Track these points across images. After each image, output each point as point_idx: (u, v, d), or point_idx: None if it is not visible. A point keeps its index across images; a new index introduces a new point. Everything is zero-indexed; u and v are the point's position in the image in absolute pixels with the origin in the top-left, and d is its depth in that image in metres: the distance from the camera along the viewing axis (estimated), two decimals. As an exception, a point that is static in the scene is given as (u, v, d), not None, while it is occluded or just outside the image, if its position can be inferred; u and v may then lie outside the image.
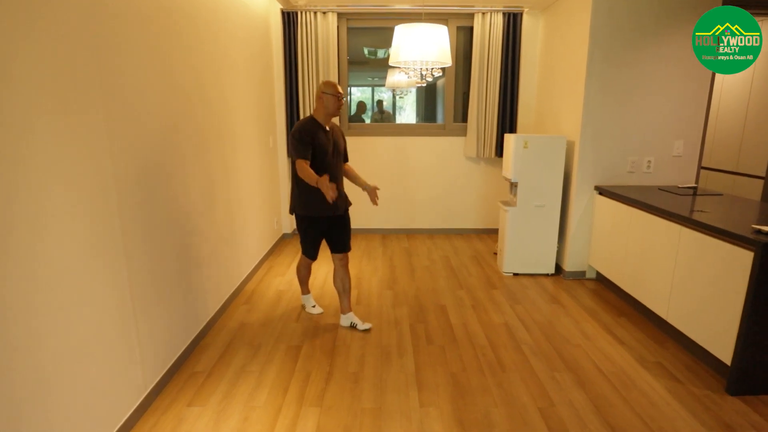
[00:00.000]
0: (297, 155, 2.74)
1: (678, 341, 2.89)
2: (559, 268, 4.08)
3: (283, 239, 5.03)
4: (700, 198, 3.27)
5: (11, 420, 1.42)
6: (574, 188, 3.82)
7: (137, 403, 2.14)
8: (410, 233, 5.31)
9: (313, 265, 3.24)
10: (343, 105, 2.90)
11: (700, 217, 2.65)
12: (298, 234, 3.07)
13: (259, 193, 4.13)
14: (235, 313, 3.26)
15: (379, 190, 3.09)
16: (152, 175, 2.27)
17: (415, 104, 6.83)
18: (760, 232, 2.33)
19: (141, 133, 2.17)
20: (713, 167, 4.55)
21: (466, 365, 2.65)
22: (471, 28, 4.76)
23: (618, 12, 3.47)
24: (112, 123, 1.93)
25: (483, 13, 4.63)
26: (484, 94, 4.81)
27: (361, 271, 4.13)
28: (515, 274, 4.05)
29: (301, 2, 4.32)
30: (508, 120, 4.84)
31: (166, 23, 2.42)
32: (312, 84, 4.73)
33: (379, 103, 6.65)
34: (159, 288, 2.34)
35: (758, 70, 4.22)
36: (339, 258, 3.02)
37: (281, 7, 4.52)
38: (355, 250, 4.57)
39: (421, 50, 3.28)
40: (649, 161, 3.74)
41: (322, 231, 3.00)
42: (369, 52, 6.63)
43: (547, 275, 4.04)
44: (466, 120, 5.06)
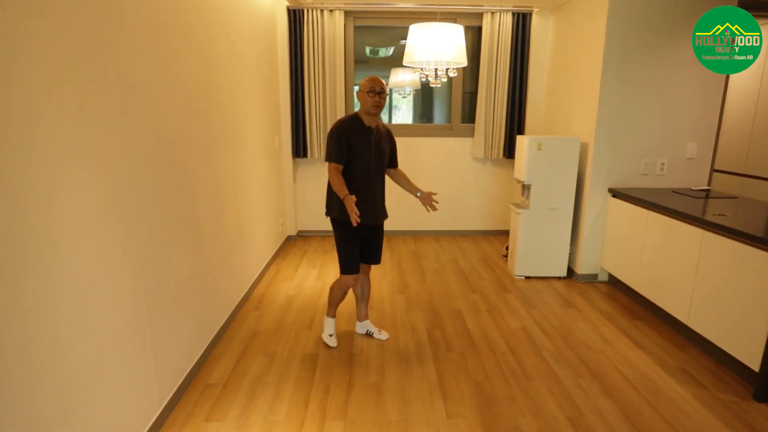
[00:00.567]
0: (328, 158, 2.55)
1: (699, 346, 2.86)
2: (570, 271, 4.04)
3: (288, 241, 4.94)
4: (715, 201, 3.24)
5: (34, 445, 1.33)
6: (587, 190, 3.78)
7: (154, 417, 2.05)
8: (416, 235, 5.24)
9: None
10: (382, 102, 2.54)
11: (724, 222, 2.61)
12: (336, 245, 2.71)
13: (266, 194, 4.04)
14: (245, 320, 3.16)
15: (435, 195, 2.78)
16: (167, 176, 2.17)
17: (411, 104, 6.75)
18: (789, 237, 2.29)
19: (155, 132, 2.07)
20: (722, 169, 4.54)
21: (489, 373, 2.59)
22: (479, 28, 4.70)
23: (634, 14, 3.43)
24: (128, 122, 1.83)
25: (492, 13, 4.57)
26: (492, 94, 4.75)
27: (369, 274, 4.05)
28: (527, 277, 4.00)
29: None
30: (516, 121, 4.79)
31: (180, 19, 2.32)
32: (318, 83, 4.64)
33: None
34: (173, 295, 2.25)
35: (767, 71, 4.22)
36: (366, 268, 2.89)
37: (287, 4, 4.42)
38: (362, 253, 4.49)
39: (436, 50, 3.21)
40: (663, 163, 3.71)
41: (362, 238, 2.72)
42: (371, 51, 6.54)
43: (559, 278, 4.00)
44: (473, 121, 5.00)
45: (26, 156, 1.31)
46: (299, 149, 4.82)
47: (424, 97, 6.44)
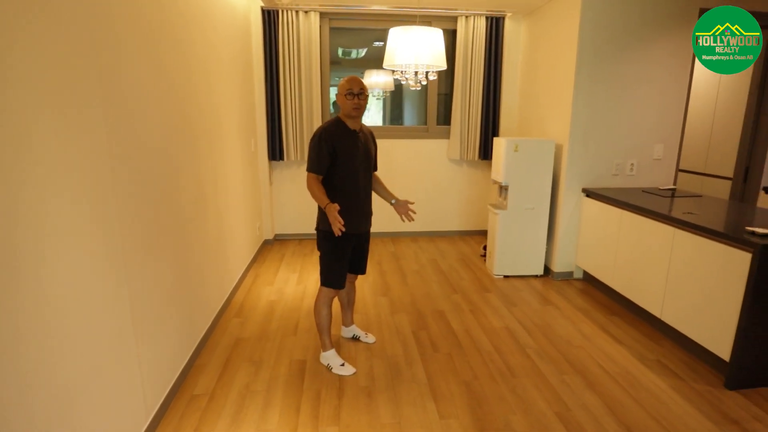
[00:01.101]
0: (309, 168, 2.40)
1: (673, 339, 2.99)
2: (547, 269, 4.15)
3: (265, 245, 4.86)
4: (682, 199, 3.40)
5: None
6: (562, 191, 3.89)
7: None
8: (394, 236, 5.26)
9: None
10: (363, 104, 2.41)
11: (694, 220, 2.74)
12: (321, 258, 2.57)
13: (243, 198, 3.96)
14: (228, 328, 3.09)
15: (413, 204, 2.71)
16: (150, 182, 2.10)
17: (381, 106, 6.77)
18: (754, 233, 2.43)
19: (138, 136, 2.00)
20: (685, 169, 4.76)
21: (477, 372, 2.62)
22: (454, 32, 4.77)
23: (603, 22, 3.56)
24: (110, 127, 1.76)
25: (466, 17, 4.64)
26: (468, 97, 4.82)
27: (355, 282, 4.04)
28: (506, 276, 4.08)
29: (284, 0, 4.17)
30: (491, 123, 4.88)
31: (160, 18, 2.25)
32: (293, 84, 4.59)
33: None
34: (157, 305, 2.18)
35: (724, 74, 4.45)
36: (352, 278, 2.85)
37: (262, 5, 4.35)
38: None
39: (416, 53, 3.23)
40: (632, 164, 3.86)
41: (353, 249, 2.62)
42: (343, 52, 6.52)
43: (537, 276, 4.10)
44: (448, 122, 5.06)
45: (15, 165, 1.24)
46: (275, 152, 4.75)
47: (394, 99, 6.47)
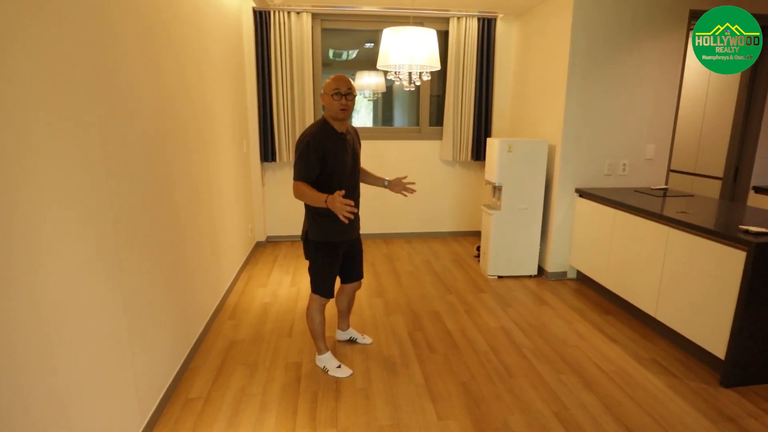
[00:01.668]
0: (297, 176, 2.25)
1: (667, 337, 3.01)
2: (541, 270, 4.16)
3: (258, 247, 4.81)
4: (674, 199, 3.43)
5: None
6: (555, 191, 3.90)
7: (135, 438, 1.94)
8: (387, 238, 5.24)
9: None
10: (350, 105, 2.30)
11: (688, 219, 2.77)
12: (311, 267, 2.51)
13: (236, 199, 3.92)
14: (222, 330, 3.05)
15: (406, 178, 2.59)
16: (144, 183, 2.06)
17: (371, 107, 6.76)
18: (747, 232, 2.46)
19: (133, 137, 1.96)
20: (676, 169, 4.81)
21: (474, 373, 2.61)
22: (446, 33, 4.77)
23: (595, 23, 3.58)
24: (105, 128, 1.72)
25: (458, 18, 4.65)
26: (460, 98, 4.83)
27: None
28: (500, 277, 4.09)
29: (277, 1, 4.14)
30: (483, 124, 4.89)
31: (155, 19, 2.22)
32: (285, 85, 4.56)
33: None
34: (151, 308, 2.14)
35: (714, 74, 4.51)
36: (356, 287, 2.76)
37: (253, 5, 4.32)
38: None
39: (410, 54, 3.23)
40: (624, 164, 3.89)
41: (344, 257, 2.56)
42: (334, 53, 6.50)
43: (530, 277, 4.11)
44: (440, 124, 5.07)
45: (11, 167, 1.21)
46: (267, 153, 4.72)
47: (386, 100, 6.46)
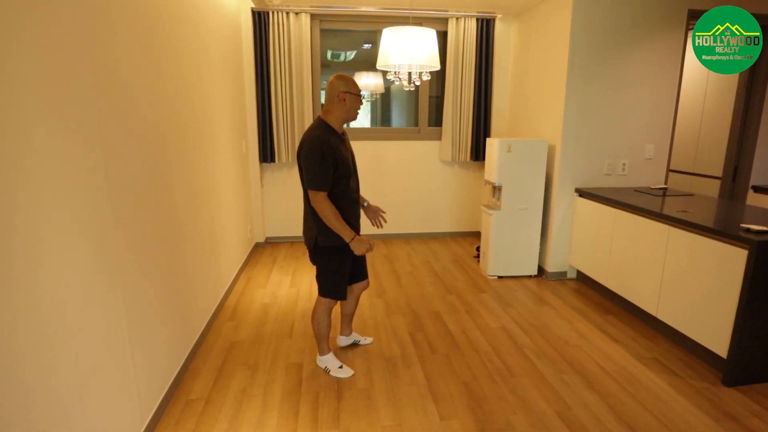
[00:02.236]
0: (316, 185, 2.14)
1: (668, 336, 3.00)
2: (541, 270, 4.15)
3: (257, 248, 4.79)
4: (674, 198, 3.43)
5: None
6: (555, 191, 3.90)
7: (136, 440, 1.92)
8: (387, 238, 5.23)
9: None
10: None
11: (689, 218, 2.76)
12: (321, 273, 2.46)
13: (235, 200, 3.90)
14: (222, 331, 3.03)
15: (384, 213, 2.66)
16: (143, 184, 2.05)
17: (369, 108, 6.76)
18: (749, 230, 2.46)
19: (132, 137, 1.95)
20: (675, 169, 4.82)
21: (476, 373, 2.60)
22: (445, 33, 4.77)
23: (595, 23, 3.59)
24: (105, 128, 1.71)
25: (457, 18, 4.65)
26: (459, 98, 4.83)
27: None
28: (500, 277, 4.08)
29: (276, 1, 4.13)
30: (482, 124, 4.89)
31: (155, 20, 2.21)
32: (284, 86, 4.55)
33: None
34: (152, 308, 2.12)
35: (712, 74, 4.52)
36: (364, 286, 2.73)
37: (252, 6, 4.31)
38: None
39: (410, 54, 3.23)
40: (624, 164, 3.89)
41: (353, 260, 2.50)
42: (332, 54, 6.50)
43: (530, 277, 4.11)
44: (439, 124, 5.06)
45: (11, 168, 1.19)
46: (266, 154, 4.70)
47: (384, 101, 6.46)
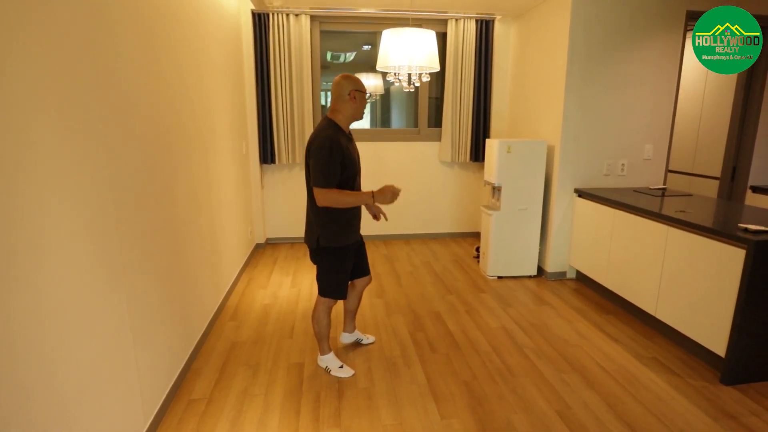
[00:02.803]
0: (322, 182, 2.18)
1: (667, 336, 3.02)
2: (540, 270, 4.17)
3: (257, 249, 4.81)
4: (673, 198, 3.45)
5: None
6: (554, 191, 3.92)
7: (139, 439, 1.93)
8: (387, 239, 5.25)
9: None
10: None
11: (687, 218, 2.78)
12: (322, 273, 2.48)
13: (236, 201, 3.92)
14: (223, 332, 3.05)
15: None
16: (145, 185, 2.06)
17: (369, 109, 6.79)
18: (747, 230, 2.47)
19: (134, 138, 1.96)
20: (673, 169, 4.84)
21: (476, 372, 2.62)
22: (444, 34, 4.79)
23: (593, 24, 3.61)
24: (107, 129, 1.72)
25: (456, 20, 4.67)
26: (458, 99, 4.85)
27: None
28: (500, 277, 4.09)
29: (276, 3, 4.15)
30: (482, 125, 4.91)
31: (156, 21, 2.22)
32: (285, 88, 4.56)
33: None
34: (153, 308, 2.13)
35: (711, 75, 4.54)
36: (366, 281, 2.74)
37: (252, 7, 4.33)
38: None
39: (410, 55, 3.24)
40: (623, 164, 3.91)
41: (354, 258, 2.55)
42: (332, 56, 6.51)
43: (530, 277, 4.12)
44: (439, 125, 5.08)
45: (13, 168, 1.21)
46: (267, 155, 4.72)
47: (384, 102, 6.48)
